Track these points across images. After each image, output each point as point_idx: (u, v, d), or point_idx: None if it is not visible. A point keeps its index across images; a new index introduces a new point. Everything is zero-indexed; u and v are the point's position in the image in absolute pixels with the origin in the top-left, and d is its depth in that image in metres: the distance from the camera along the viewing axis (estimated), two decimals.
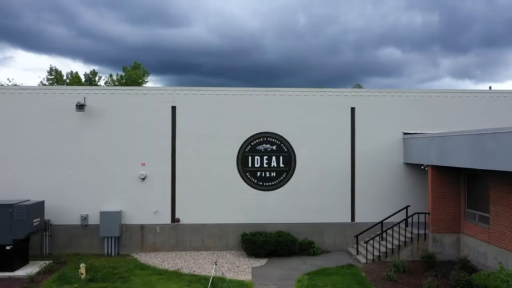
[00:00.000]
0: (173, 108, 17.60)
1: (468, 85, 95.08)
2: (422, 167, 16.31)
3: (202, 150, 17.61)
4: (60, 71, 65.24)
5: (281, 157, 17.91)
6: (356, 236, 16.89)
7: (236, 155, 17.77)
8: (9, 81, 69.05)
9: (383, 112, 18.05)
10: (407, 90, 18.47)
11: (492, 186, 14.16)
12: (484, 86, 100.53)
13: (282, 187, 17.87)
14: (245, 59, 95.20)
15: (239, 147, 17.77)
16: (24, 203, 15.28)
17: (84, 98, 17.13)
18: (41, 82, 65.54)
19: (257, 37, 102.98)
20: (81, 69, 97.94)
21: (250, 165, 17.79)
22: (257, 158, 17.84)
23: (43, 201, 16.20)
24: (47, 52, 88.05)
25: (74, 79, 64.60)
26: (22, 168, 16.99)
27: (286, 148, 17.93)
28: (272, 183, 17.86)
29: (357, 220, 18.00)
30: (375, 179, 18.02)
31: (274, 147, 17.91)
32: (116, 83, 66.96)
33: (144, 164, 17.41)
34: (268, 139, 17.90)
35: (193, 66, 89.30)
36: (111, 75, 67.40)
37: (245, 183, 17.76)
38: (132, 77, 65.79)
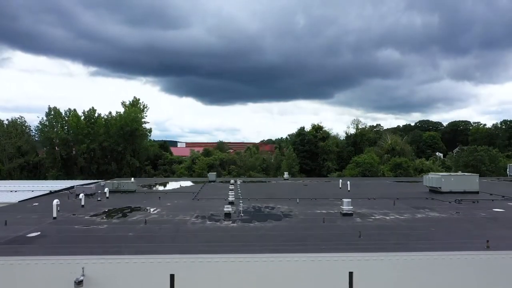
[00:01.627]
0: (172, 276, 17.66)
1: (468, 86, 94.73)
2: None
3: None
4: (58, 109, 65.20)
5: None
6: None
7: None
8: (8, 121, 69.03)
9: (382, 276, 18.08)
10: (406, 254, 18.52)
11: None
12: (483, 88, 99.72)
13: None
14: (244, 60, 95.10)
15: None
16: None
17: (83, 268, 17.22)
18: (40, 122, 65.70)
19: (256, 38, 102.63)
20: (81, 70, 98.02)
21: None
22: None
23: None
24: (45, 54, 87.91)
25: (73, 118, 64.53)
26: None
27: None
28: None
29: None
30: None
31: None
32: (117, 120, 66.90)
33: None
34: None
35: (193, 67, 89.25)
36: (110, 113, 67.30)
37: None
38: (131, 115, 65.70)
